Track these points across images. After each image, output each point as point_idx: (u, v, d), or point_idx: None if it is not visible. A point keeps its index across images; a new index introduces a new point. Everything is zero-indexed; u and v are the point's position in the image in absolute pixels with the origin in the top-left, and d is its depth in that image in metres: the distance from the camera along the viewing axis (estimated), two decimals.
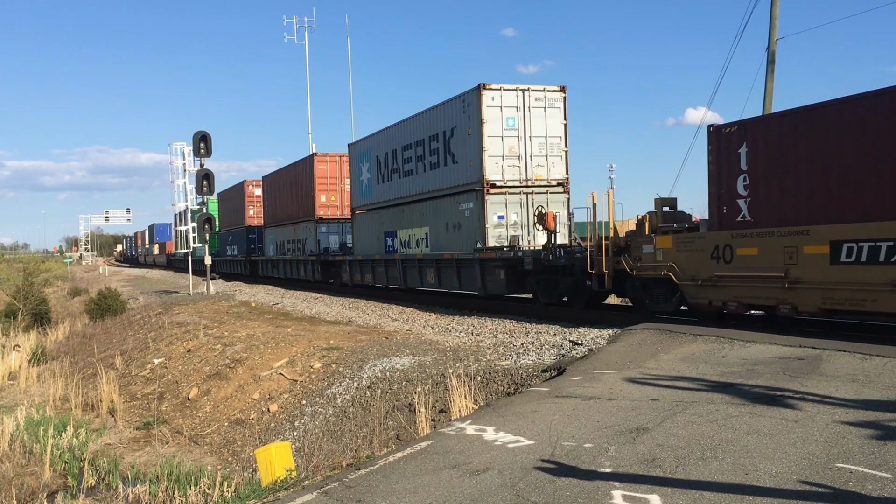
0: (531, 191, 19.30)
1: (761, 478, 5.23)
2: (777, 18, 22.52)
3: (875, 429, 6.18)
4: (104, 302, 30.86)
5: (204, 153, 29.76)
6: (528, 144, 19.22)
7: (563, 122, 19.53)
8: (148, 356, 19.80)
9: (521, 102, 19.17)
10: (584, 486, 5.26)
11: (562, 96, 19.54)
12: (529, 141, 19.22)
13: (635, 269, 14.21)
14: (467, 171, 19.69)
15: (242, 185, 44.08)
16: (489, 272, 18.88)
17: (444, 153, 20.97)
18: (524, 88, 19.28)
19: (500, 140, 18.98)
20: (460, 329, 16.50)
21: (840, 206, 10.76)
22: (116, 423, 14.99)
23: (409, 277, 23.62)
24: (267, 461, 8.13)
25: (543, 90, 19.43)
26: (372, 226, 26.64)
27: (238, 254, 45.38)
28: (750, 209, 12.17)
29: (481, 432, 7.01)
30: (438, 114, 21.28)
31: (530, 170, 19.28)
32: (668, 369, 9.27)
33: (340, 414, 11.79)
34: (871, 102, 10.52)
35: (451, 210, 20.82)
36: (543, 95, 19.38)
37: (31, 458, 12.40)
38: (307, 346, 15.65)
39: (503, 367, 11.68)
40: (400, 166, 23.99)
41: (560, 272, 16.78)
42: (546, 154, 19.44)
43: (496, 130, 18.95)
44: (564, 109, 19.55)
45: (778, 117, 12.17)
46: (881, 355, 8.96)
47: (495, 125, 18.92)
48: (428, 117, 21.96)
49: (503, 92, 19.04)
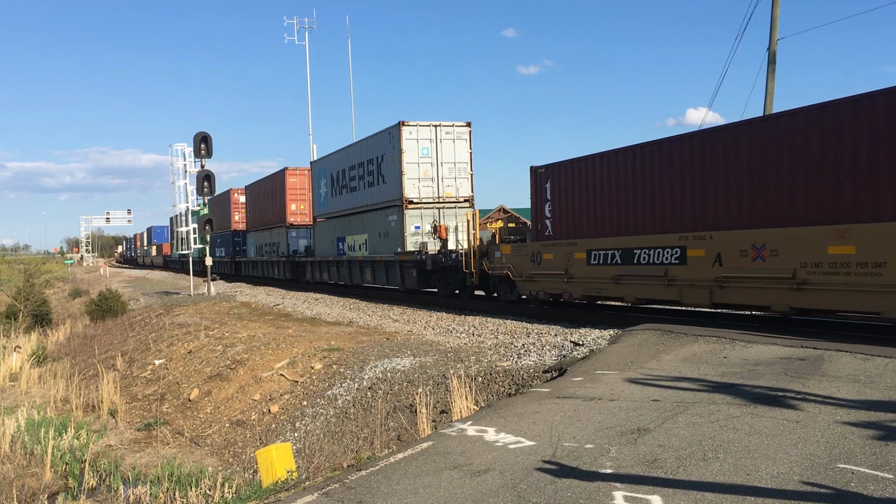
0: (442, 206, 23.77)
1: (763, 478, 5.22)
2: (778, 18, 22.52)
3: (877, 429, 6.16)
4: (105, 303, 30.88)
5: (204, 154, 29.80)
6: (440, 169, 23.76)
7: (468, 151, 24.08)
8: (149, 357, 19.80)
9: (434, 135, 23.71)
10: (585, 487, 5.25)
11: (468, 130, 24.05)
12: (441, 166, 23.75)
13: (490, 269, 19.15)
14: (392, 190, 24.18)
15: (229, 193, 47.98)
16: (405, 271, 23.70)
17: (377, 174, 25.64)
18: (437, 124, 23.71)
19: (417, 165, 23.53)
20: (461, 330, 16.50)
21: (592, 226, 15.79)
22: (117, 425, 14.99)
23: (353, 275, 28.54)
24: (268, 462, 8.12)
25: (452, 125, 23.90)
26: (328, 232, 31.26)
27: (225, 255, 49.58)
28: (552, 227, 16.99)
29: (482, 433, 7.01)
30: (372, 142, 25.84)
31: (441, 189, 23.81)
32: (670, 370, 9.26)
33: (341, 415, 11.78)
34: (607, 159, 15.38)
35: (381, 221, 25.41)
36: (452, 129, 23.89)
37: (32, 460, 12.40)
38: (308, 346, 15.64)
39: (504, 367, 11.67)
40: (347, 183, 28.71)
41: (450, 271, 21.58)
42: (455, 176, 23.97)
43: (413, 158, 23.49)
44: (470, 140, 24.07)
45: (567, 163, 16.59)
46: (883, 356, 8.94)
47: (413, 153, 23.48)
48: (366, 144, 26.58)
49: (419, 127, 23.57)
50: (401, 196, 23.51)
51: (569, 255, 16.21)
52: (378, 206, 25.67)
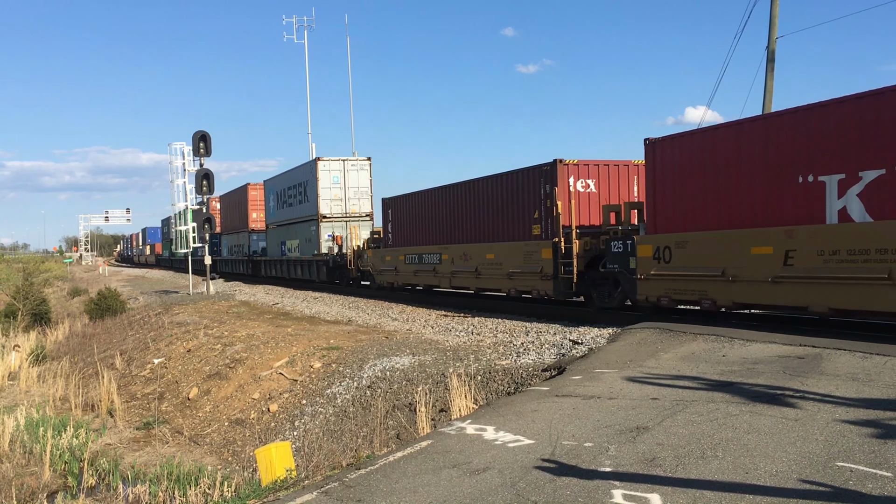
0: (348, 220, 31.83)
1: (761, 477, 5.22)
2: (777, 17, 22.51)
3: (875, 427, 6.17)
4: (104, 302, 30.85)
5: (203, 153, 29.77)
6: (347, 192, 32.08)
7: (369, 178, 32.55)
8: (148, 356, 19.80)
9: (342, 167, 32.15)
10: (584, 486, 5.26)
11: (368, 163, 32.67)
12: (347, 190, 32.09)
13: (362, 266, 28.20)
14: (313, 207, 32.27)
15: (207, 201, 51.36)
16: (319, 267, 32.30)
17: (304, 195, 33.80)
18: (344, 159, 32.31)
19: (329, 190, 31.90)
20: (460, 328, 16.50)
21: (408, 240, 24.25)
22: (116, 424, 14.98)
23: (291, 271, 36.71)
24: (267, 461, 8.12)
25: (357, 160, 32.53)
26: (275, 237, 39.46)
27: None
28: (392, 239, 25.78)
29: (481, 432, 7.01)
30: (301, 171, 34.44)
31: (348, 207, 32.07)
32: (669, 368, 9.26)
33: (340, 413, 11.78)
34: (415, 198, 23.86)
35: (306, 230, 33.41)
36: (357, 163, 32.46)
37: (31, 459, 12.39)
38: (307, 345, 15.64)
39: (503, 366, 11.68)
40: (286, 200, 36.94)
41: (343, 268, 29.97)
42: (358, 198, 32.22)
43: (327, 184, 31.86)
44: (370, 170, 32.61)
45: (398, 198, 25.19)
46: (882, 354, 8.95)
47: (326, 181, 31.87)
48: (297, 172, 35.08)
49: (331, 161, 32.07)
50: (317, 212, 31.70)
51: (396, 258, 25.07)
52: (304, 219, 33.57)
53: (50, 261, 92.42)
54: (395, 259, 25.06)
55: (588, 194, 17.13)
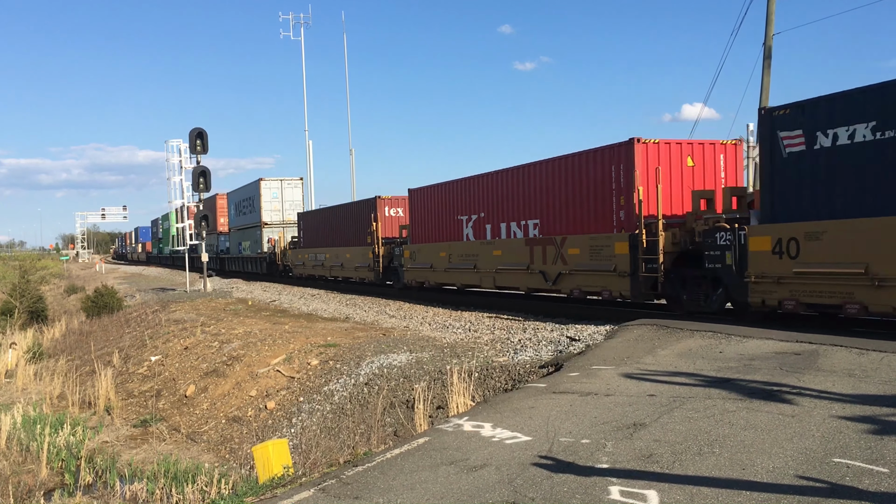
0: (284, 226, 40.44)
1: (758, 473, 5.23)
2: (773, 14, 22.53)
3: (872, 423, 6.18)
4: (101, 299, 30.76)
5: (200, 150, 29.67)
6: (284, 204, 41.23)
7: (301, 194, 42.08)
8: (145, 354, 19.77)
9: (280, 185, 41.54)
10: (581, 482, 5.26)
11: (301, 182, 42.46)
12: (284, 202, 41.27)
13: (285, 262, 38.48)
14: (258, 216, 41.43)
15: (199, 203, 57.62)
16: (261, 263, 41.51)
17: (252, 206, 42.96)
18: (282, 179, 41.74)
19: (270, 202, 40.95)
20: (458, 325, 16.50)
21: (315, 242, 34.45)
22: (113, 421, 14.97)
23: (245, 266, 45.68)
24: (264, 458, 8.12)
25: (291, 179, 41.96)
26: (235, 239, 48.88)
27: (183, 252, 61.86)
28: (303, 241, 36.14)
29: (479, 428, 7.01)
30: (250, 188, 43.44)
31: (284, 216, 40.96)
32: (666, 365, 9.28)
33: (338, 411, 11.78)
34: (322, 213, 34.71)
35: (254, 234, 42.61)
36: (291, 182, 41.85)
37: (28, 456, 12.38)
38: (304, 342, 15.63)
39: (501, 363, 11.68)
40: (241, 209, 46.16)
41: (273, 263, 39.55)
42: (293, 209, 40.61)
43: (269, 198, 41.01)
44: (302, 188, 42.41)
45: (310, 213, 36.88)
46: (878, 350, 8.97)
47: (268, 195, 41.02)
48: (248, 188, 44.26)
49: (271, 181, 41.40)
50: (260, 220, 40.99)
51: (305, 255, 35.19)
52: (253, 225, 42.95)
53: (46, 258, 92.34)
54: (303, 256, 35.55)
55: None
